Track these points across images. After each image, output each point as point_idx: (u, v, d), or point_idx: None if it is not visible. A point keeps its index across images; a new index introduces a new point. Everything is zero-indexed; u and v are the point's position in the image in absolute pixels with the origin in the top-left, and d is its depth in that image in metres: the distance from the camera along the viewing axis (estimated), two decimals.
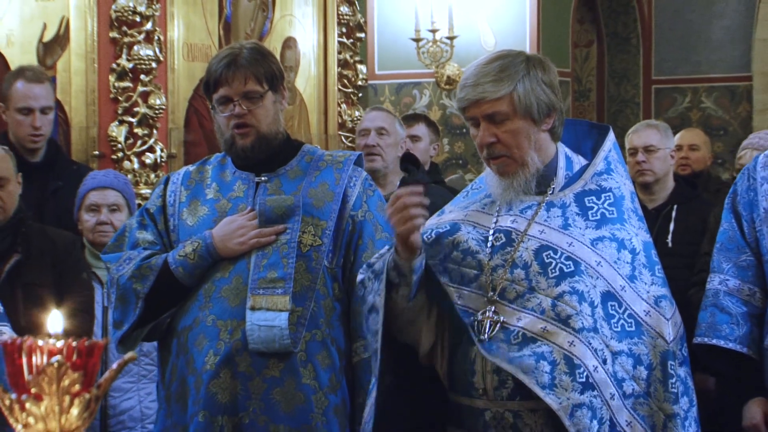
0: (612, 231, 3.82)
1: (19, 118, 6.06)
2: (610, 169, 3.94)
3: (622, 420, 3.71)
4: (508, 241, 3.82)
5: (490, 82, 3.72)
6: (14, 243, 5.21)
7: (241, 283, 4.48)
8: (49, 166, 6.13)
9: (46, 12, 6.72)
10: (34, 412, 2.25)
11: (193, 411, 4.49)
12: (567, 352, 3.65)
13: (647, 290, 3.83)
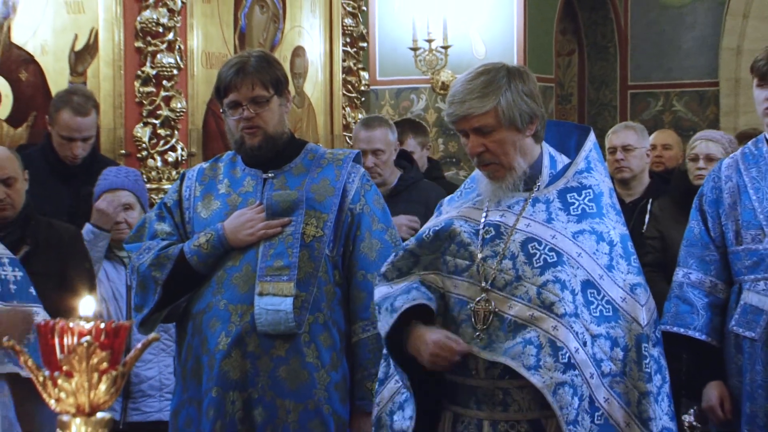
0: (591, 225, 3.83)
1: (61, 141, 6.04)
2: (590, 168, 3.94)
3: (601, 397, 3.71)
4: (497, 234, 3.82)
5: (475, 98, 3.72)
6: (23, 236, 5.18)
7: (251, 271, 4.49)
8: (85, 172, 6.10)
9: (77, 24, 6.70)
10: (65, 387, 2.25)
11: (207, 387, 4.50)
12: (551, 336, 3.66)
13: (623, 278, 3.83)
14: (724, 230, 5.20)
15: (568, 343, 3.67)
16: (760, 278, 5.12)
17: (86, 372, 2.23)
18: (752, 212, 5.14)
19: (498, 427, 3.85)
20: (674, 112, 12.63)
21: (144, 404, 5.53)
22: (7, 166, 5.22)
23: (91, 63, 6.68)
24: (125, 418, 5.50)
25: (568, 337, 3.67)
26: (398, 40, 11.31)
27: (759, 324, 5.08)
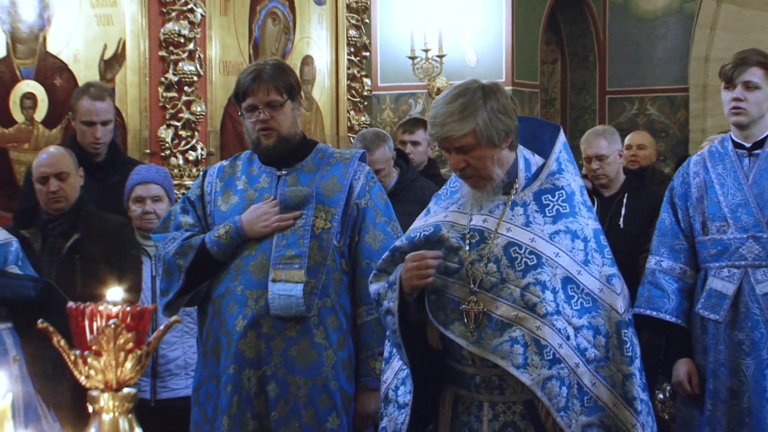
0: (566, 224, 3.80)
1: (83, 128, 6.04)
2: (561, 169, 3.90)
3: (588, 382, 3.70)
4: (482, 238, 3.80)
5: (455, 121, 3.69)
6: (74, 225, 5.22)
7: (265, 260, 4.50)
8: (108, 164, 6.11)
9: (107, 35, 6.69)
10: (94, 365, 2.24)
11: (225, 365, 4.51)
12: (535, 335, 3.65)
13: (599, 271, 3.81)
14: (692, 221, 5.21)
15: (552, 341, 3.66)
16: (724, 266, 5.13)
17: (113, 351, 2.23)
18: (717, 205, 5.15)
19: (497, 408, 3.86)
20: (648, 115, 12.62)
21: (171, 382, 5.53)
22: (60, 162, 5.31)
23: (119, 70, 6.68)
24: (155, 396, 5.50)
25: (552, 335, 3.66)
26: (398, 50, 11.30)
27: (722, 307, 5.10)
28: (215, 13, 6.92)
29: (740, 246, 5.08)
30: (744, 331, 5.08)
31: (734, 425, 5.11)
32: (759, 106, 5.14)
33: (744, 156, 5.19)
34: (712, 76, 11.88)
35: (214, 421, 4.55)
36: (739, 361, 5.09)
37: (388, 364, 4.05)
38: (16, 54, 6.89)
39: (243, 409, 4.49)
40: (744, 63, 5.14)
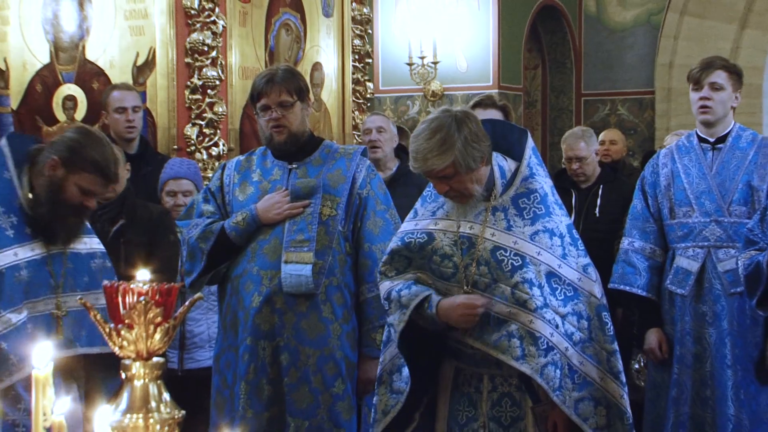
0: (543, 224, 3.79)
1: (116, 116, 6.06)
2: (533, 173, 3.88)
3: (576, 362, 3.72)
4: (471, 244, 3.79)
5: (435, 156, 3.67)
6: (120, 212, 5.21)
7: (278, 243, 4.50)
8: (141, 156, 6.11)
9: (139, 44, 6.68)
10: (127, 337, 2.24)
11: (242, 337, 4.52)
12: (529, 328, 3.66)
13: (576, 262, 3.81)
14: (660, 207, 5.26)
15: (544, 332, 3.66)
16: (689, 246, 5.17)
17: (144, 324, 2.23)
18: (684, 193, 5.19)
19: (495, 380, 3.88)
20: (619, 115, 12.61)
21: (196, 354, 5.51)
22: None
23: (150, 75, 6.67)
24: (182, 366, 5.49)
25: (543, 327, 3.67)
26: (397, 57, 11.30)
27: (688, 283, 5.16)
28: (235, 25, 6.90)
29: (704, 229, 5.13)
30: (707, 304, 5.13)
31: (698, 387, 5.16)
32: (723, 105, 5.18)
33: (708, 149, 5.24)
34: (676, 81, 11.90)
35: (233, 386, 4.56)
36: (702, 330, 5.14)
37: (386, 347, 4.04)
38: (59, 61, 6.88)
39: (259, 376, 4.50)
40: (710, 66, 5.18)
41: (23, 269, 3.84)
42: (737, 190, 5.10)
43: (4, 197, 3.91)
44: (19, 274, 3.83)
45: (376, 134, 6.58)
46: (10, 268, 3.81)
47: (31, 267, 3.88)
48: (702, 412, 5.13)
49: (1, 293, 3.77)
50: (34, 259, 3.89)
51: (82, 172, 3.92)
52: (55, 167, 3.92)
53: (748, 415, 5.05)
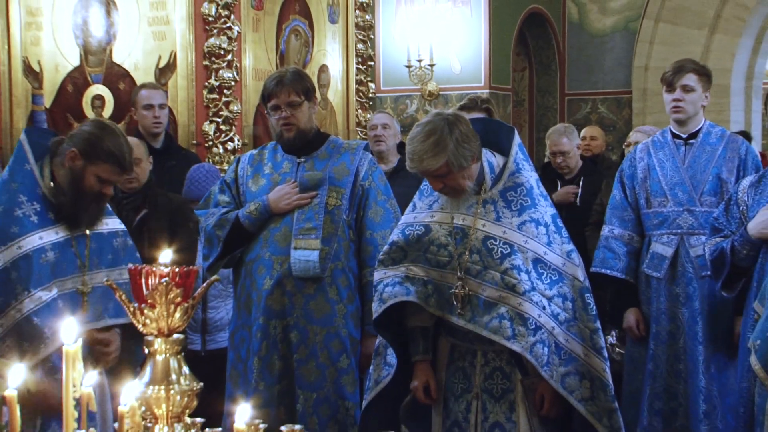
0: (530, 215, 3.78)
1: (144, 113, 6.07)
2: (519, 169, 3.87)
3: (562, 339, 3.71)
4: (464, 235, 3.78)
5: (429, 158, 3.67)
6: (144, 202, 5.21)
7: (288, 231, 4.49)
8: (165, 150, 6.11)
9: (161, 48, 6.67)
10: (149, 315, 2.24)
11: (255, 316, 4.52)
12: (518, 310, 3.65)
13: (560, 249, 3.80)
14: (638, 197, 5.26)
15: (532, 313, 3.66)
16: (664, 233, 5.18)
17: (165, 304, 2.24)
18: (659, 184, 5.19)
19: (488, 355, 3.87)
20: (599, 113, 12.57)
21: (217, 336, 5.53)
22: (135, 150, 5.20)
23: (171, 77, 6.67)
24: (204, 347, 5.50)
25: (532, 308, 3.66)
26: (396, 60, 11.27)
27: (663, 267, 5.16)
28: (249, 30, 6.89)
29: (677, 217, 5.13)
30: (680, 285, 5.14)
31: (672, 361, 5.17)
32: (694, 105, 5.18)
33: (681, 145, 5.24)
34: (651, 82, 11.86)
35: (247, 361, 4.56)
36: (676, 309, 5.15)
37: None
38: (88, 63, 6.87)
39: (270, 352, 4.50)
40: (682, 70, 5.18)
41: (49, 251, 3.84)
42: (708, 181, 5.11)
43: (27, 187, 3.90)
44: (45, 255, 3.83)
45: (381, 130, 6.74)
46: (36, 250, 3.81)
47: (57, 249, 3.88)
48: (675, 384, 5.14)
49: (30, 274, 3.76)
50: (58, 242, 3.89)
51: (100, 163, 3.91)
52: (75, 158, 3.91)
53: (718, 386, 5.06)
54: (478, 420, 3.84)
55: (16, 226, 3.80)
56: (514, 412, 3.81)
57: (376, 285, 3.92)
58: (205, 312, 5.49)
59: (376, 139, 6.64)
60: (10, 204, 3.85)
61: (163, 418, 2.22)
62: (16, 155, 3.99)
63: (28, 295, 3.75)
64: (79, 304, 3.92)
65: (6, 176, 3.97)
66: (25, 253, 3.78)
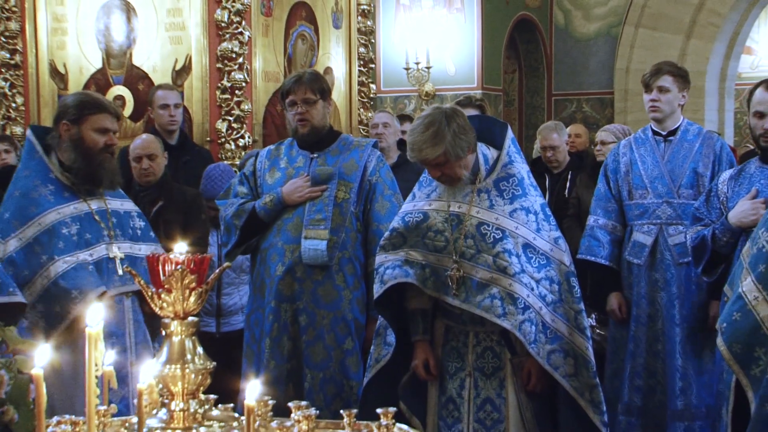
0: (521, 203, 3.79)
1: (160, 112, 6.05)
2: (511, 160, 3.87)
3: (548, 319, 3.71)
4: (459, 221, 3.79)
5: (428, 147, 3.69)
6: (159, 194, 5.21)
7: (299, 221, 4.48)
8: (181, 147, 6.09)
9: (177, 52, 6.65)
10: (166, 299, 2.24)
11: (268, 300, 4.52)
12: (509, 290, 3.66)
13: (548, 235, 3.80)
14: (620, 189, 5.27)
15: (522, 293, 3.66)
16: (645, 223, 5.18)
17: (180, 289, 2.23)
18: (640, 178, 5.19)
19: (479, 336, 3.87)
20: (583, 112, 12.56)
21: (231, 320, 5.53)
22: (151, 146, 5.30)
23: (187, 78, 6.65)
24: (219, 330, 5.50)
25: (521, 289, 3.66)
26: (396, 63, 11.26)
27: (643, 254, 5.16)
28: (259, 35, 6.87)
29: (657, 208, 5.14)
30: (659, 272, 5.13)
31: (651, 341, 5.17)
32: (670, 104, 5.18)
33: (660, 141, 5.25)
34: (632, 83, 11.85)
35: (260, 341, 4.57)
36: (655, 294, 5.15)
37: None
38: (110, 66, 6.85)
39: (281, 333, 4.50)
40: (658, 72, 5.19)
41: (71, 224, 3.94)
42: (685, 175, 5.11)
43: (39, 172, 4.01)
44: (67, 227, 3.92)
45: (382, 128, 6.78)
46: (57, 223, 3.91)
47: (78, 221, 3.97)
48: (654, 362, 5.15)
49: (53, 244, 3.87)
50: (77, 215, 3.99)
51: (88, 117, 4.00)
52: (68, 128, 4.01)
53: (693, 365, 5.07)
54: (470, 396, 3.85)
55: (34, 206, 3.92)
56: (504, 389, 3.82)
57: (378, 268, 3.92)
58: (219, 298, 5.49)
59: (377, 137, 6.66)
60: (26, 188, 3.97)
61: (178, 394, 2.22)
62: (26, 149, 4.12)
63: (52, 262, 3.84)
64: (113, 269, 3.99)
65: (20, 168, 4.11)
66: (46, 228, 3.88)
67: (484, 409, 3.82)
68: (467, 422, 3.83)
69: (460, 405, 3.85)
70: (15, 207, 3.93)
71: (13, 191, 4.00)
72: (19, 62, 6.98)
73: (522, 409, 3.79)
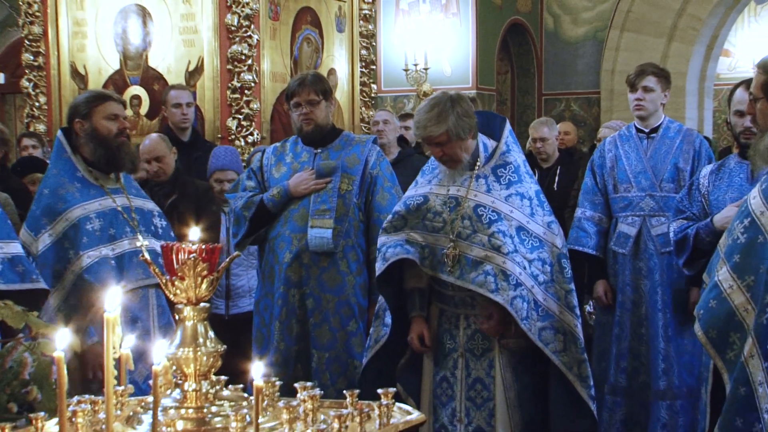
0: (516, 189, 3.78)
1: (173, 110, 6.05)
2: (509, 149, 3.88)
3: (540, 298, 3.69)
4: (457, 203, 3.78)
5: (433, 125, 3.71)
6: (173, 188, 5.20)
7: (305, 212, 4.49)
8: (193, 143, 6.09)
9: (190, 54, 6.63)
10: (179, 286, 2.23)
11: (277, 285, 4.53)
12: (502, 268, 3.64)
13: (542, 219, 3.79)
14: (606, 183, 5.27)
15: (514, 271, 3.64)
16: (629, 215, 5.18)
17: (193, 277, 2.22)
18: (624, 173, 5.19)
19: (469, 319, 3.86)
20: (572, 110, 12.54)
21: (239, 302, 5.49)
22: (157, 148, 5.27)
23: (199, 79, 6.63)
24: (228, 312, 5.47)
25: (514, 267, 3.65)
26: (395, 64, 11.25)
27: (628, 244, 5.16)
28: (266, 38, 6.85)
29: (640, 201, 5.13)
30: (643, 260, 5.13)
31: (635, 326, 5.17)
32: (654, 103, 5.18)
33: (644, 138, 5.24)
34: (617, 84, 11.82)
35: (270, 325, 4.58)
36: (639, 281, 5.14)
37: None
38: (127, 67, 6.84)
39: (289, 317, 4.51)
40: (643, 73, 5.19)
41: (95, 219, 3.97)
42: (667, 170, 5.11)
43: (67, 171, 4.07)
44: (91, 223, 3.95)
45: (382, 125, 6.78)
46: (82, 219, 3.94)
47: (102, 217, 4.00)
48: (638, 345, 5.15)
49: (79, 239, 3.91)
50: (102, 211, 4.02)
51: (95, 108, 4.06)
52: (82, 124, 4.07)
53: (675, 348, 5.07)
54: (462, 376, 3.85)
55: (62, 202, 3.96)
56: (493, 368, 3.81)
57: (380, 248, 3.91)
58: (228, 279, 5.45)
59: (378, 134, 6.65)
60: (55, 186, 4.01)
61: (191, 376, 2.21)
62: (55, 149, 4.17)
63: (77, 257, 3.89)
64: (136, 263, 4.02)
65: (50, 167, 4.17)
66: (72, 223, 3.92)
67: (474, 388, 3.82)
68: (459, 400, 3.83)
69: (453, 384, 3.86)
70: (45, 204, 3.98)
71: (43, 189, 4.05)
72: (42, 64, 6.98)
73: (506, 389, 3.79)
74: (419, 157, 6.67)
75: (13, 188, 5.49)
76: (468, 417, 3.80)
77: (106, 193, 4.07)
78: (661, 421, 5.06)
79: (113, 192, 4.10)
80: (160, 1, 6.71)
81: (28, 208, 4.15)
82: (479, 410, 3.80)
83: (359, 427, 2.21)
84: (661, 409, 5.05)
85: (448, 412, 3.84)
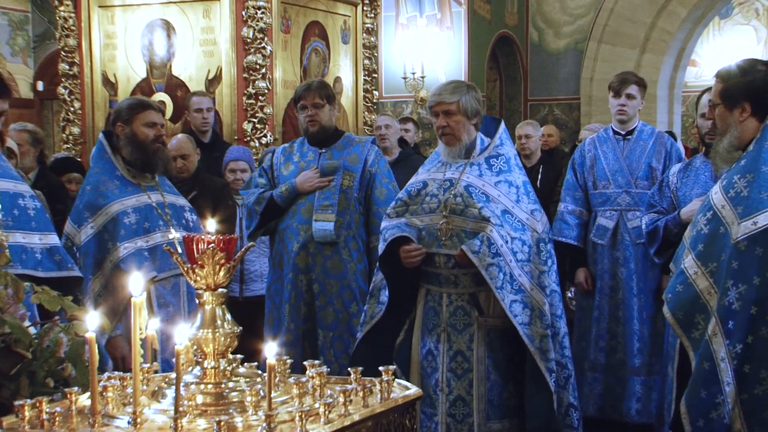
0: (505, 177, 3.80)
1: (195, 115, 6.06)
2: (502, 143, 3.90)
3: (516, 273, 3.67)
4: (451, 184, 3.80)
5: (447, 92, 3.77)
6: (194, 185, 5.19)
7: (311, 206, 4.51)
8: (212, 144, 6.08)
9: (209, 63, 6.62)
10: (200, 274, 2.21)
11: (286, 272, 4.55)
12: (489, 236, 3.64)
13: (526, 207, 3.79)
14: (586, 180, 5.27)
15: (497, 241, 3.64)
16: (607, 209, 5.18)
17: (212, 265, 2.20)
18: (603, 171, 5.19)
19: (452, 297, 3.84)
20: (554, 114, 12.51)
21: (252, 286, 5.48)
22: (183, 146, 5.29)
23: (218, 86, 6.63)
24: (242, 294, 5.46)
25: (497, 238, 3.64)
26: (395, 73, 11.22)
27: (606, 236, 5.16)
28: (279, 50, 6.83)
29: (617, 197, 5.13)
30: (620, 250, 5.13)
31: (613, 309, 5.17)
32: (634, 109, 5.22)
33: (620, 140, 5.25)
34: (595, 90, 11.80)
35: (280, 307, 4.59)
36: (616, 269, 5.15)
37: (377, 273, 4.02)
38: (153, 76, 6.83)
39: (298, 300, 4.53)
40: (627, 81, 5.21)
41: (131, 214, 3.98)
42: (641, 169, 5.12)
43: (107, 170, 4.08)
44: (128, 217, 3.96)
45: (384, 129, 6.77)
46: (120, 213, 3.96)
47: (138, 212, 4.01)
48: (615, 327, 5.15)
49: (117, 232, 3.93)
50: (138, 207, 4.02)
51: (136, 114, 4.06)
52: (123, 128, 4.07)
53: (648, 329, 5.07)
54: (444, 349, 3.84)
55: (103, 198, 3.98)
56: (472, 342, 3.81)
57: (382, 231, 3.93)
58: (242, 264, 5.43)
59: (380, 137, 6.65)
60: (96, 183, 4.03)
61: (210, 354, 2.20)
62: (97, 149, 4.17)
63: (115, 248, 3.92)
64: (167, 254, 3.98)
65: (92, 165, 4.19)
66: (111, 217, 3.95)
67: (456, 360, 3.82)
68: (442, 371, 3.82)
69: (437, 356, 3.85)
70: (87, 199, 4.00)
71: (85, 185, 4.08)
72: (76, 73, 6.97)
73: (478, 361, 3.76)
74: (418, 157, 6.72)
75: (51, 184, 5.49)
76: (449, 387, 3.80)
77: (142, 190, 4.08)
78: (636, 395, 5.06)
79: (149, 189, 4.11)
80: (183, 16, 6.69)
81: (64, 202, 4.15)
82: (460, 380, 3.80)
83: (362, 401, 2.20)
84: (636, 383, 5.05)
85: (432, 383, 3.84)
